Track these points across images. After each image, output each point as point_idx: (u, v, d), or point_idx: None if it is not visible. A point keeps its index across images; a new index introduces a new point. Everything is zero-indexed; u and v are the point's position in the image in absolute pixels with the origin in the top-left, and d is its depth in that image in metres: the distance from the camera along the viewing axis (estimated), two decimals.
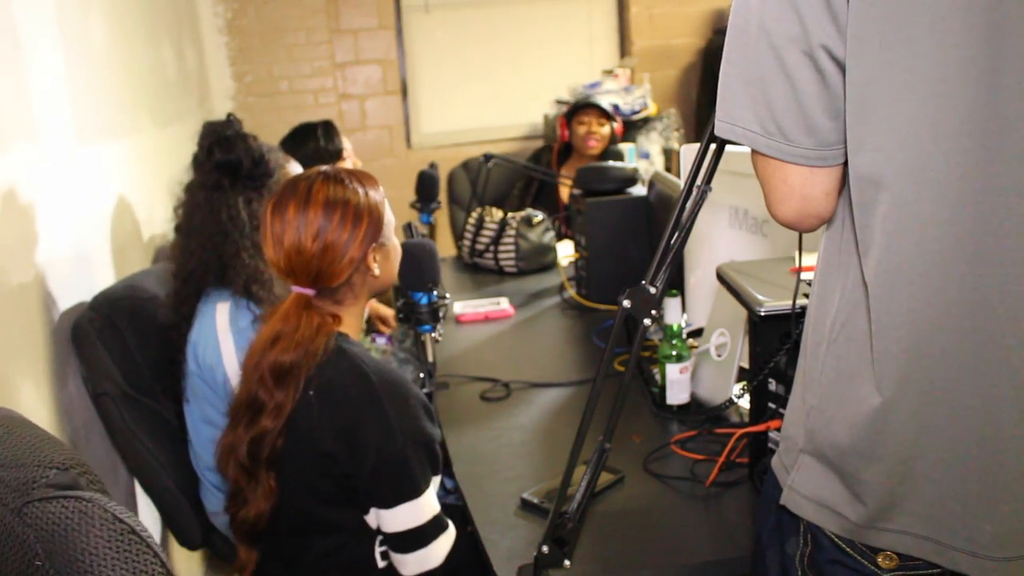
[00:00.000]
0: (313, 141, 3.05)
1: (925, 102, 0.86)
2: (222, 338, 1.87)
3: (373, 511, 1.50)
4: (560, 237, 3.36)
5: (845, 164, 0.95)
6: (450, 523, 1.55)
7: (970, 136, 0.85)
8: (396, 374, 1.53)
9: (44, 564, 0.81)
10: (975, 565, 0.93)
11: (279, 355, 1.47)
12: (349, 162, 3.13)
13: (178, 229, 1.98)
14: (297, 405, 1.48)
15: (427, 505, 1.49)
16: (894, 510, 0.96)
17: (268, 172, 1.92)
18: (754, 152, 0.98)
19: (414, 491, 1.47)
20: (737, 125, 0.97)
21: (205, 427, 1.92)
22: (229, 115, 2.06)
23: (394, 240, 1.63)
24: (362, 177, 1.58)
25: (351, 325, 1.59)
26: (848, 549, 1.00)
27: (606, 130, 3.70)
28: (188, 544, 2.01)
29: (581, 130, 3.69)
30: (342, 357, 1.50)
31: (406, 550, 1.50)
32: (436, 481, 1.53)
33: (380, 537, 1.54)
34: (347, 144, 3.16)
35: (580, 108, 3.72)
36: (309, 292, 1.52)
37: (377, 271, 1.57)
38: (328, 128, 3.12)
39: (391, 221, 1.61)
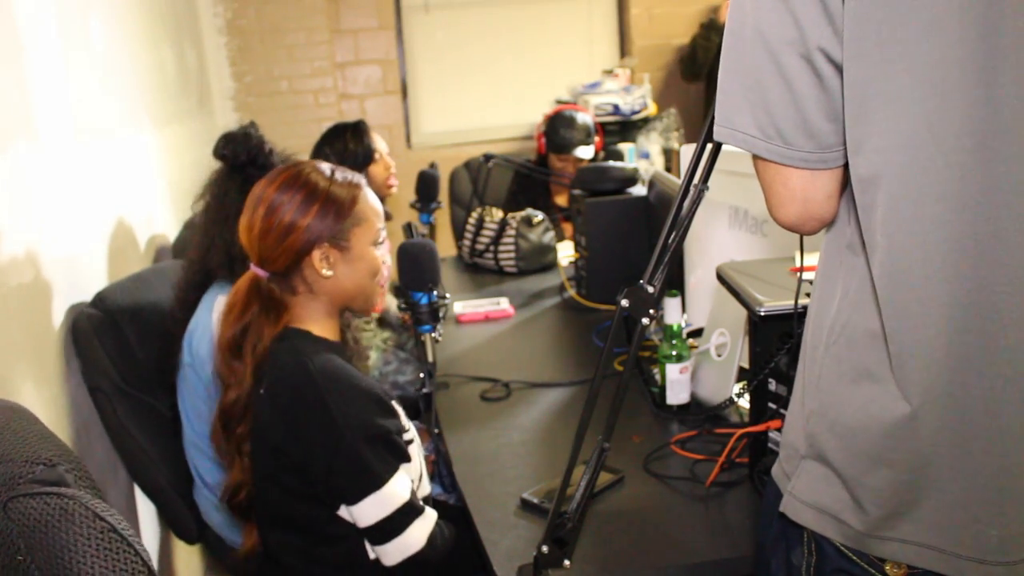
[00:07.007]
0: (341, 142, 2.97)
1: (924, 102, 0.86)
2: (216, 329, 1.86)
3: (343, 508, 1.49)
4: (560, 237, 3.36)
5: (846, 166, 0.94)
6: (427, 507, 1.53)
7: (970, 136, 0.85)
8: (342, 371, 1.47)
9: (25, 560, 0.83)
10: (982, 571, 0.91)
11: (226, 329, 1.52)
12: (382, 165, 3.02)
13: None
14: (254, 399, 1.50)
15: (393, 494, 1.46)
16: (899, 518, 0.94)
17: (268, 165, 1.92)
18: (755, 156, 0.98)
19: (376, 483, 1.45)
20: (736, 130, 0.97)
21: (196, 421, 1.91)
22: (251, 123, 2.07)
23: (370, 253, 1.55)
24: (343, 174, 1.55)
25: (316, 324, 1.55)
26: (855, 558, 0.98)
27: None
28: (185, 537, 2.01)
29: (558, 164, 3.59)
30: (289, 355, 1.48)
31: (383, 541, 1.48)
32: (405, 468, 1.50)
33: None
34: (381, 145, 3.05)
35: (559, 151, 3.55)
36: (261, 273, 1.53)
37: (326, 272, 1.50)
38: (358, 129, 3.02)
39: (373, 231, 1.55)
